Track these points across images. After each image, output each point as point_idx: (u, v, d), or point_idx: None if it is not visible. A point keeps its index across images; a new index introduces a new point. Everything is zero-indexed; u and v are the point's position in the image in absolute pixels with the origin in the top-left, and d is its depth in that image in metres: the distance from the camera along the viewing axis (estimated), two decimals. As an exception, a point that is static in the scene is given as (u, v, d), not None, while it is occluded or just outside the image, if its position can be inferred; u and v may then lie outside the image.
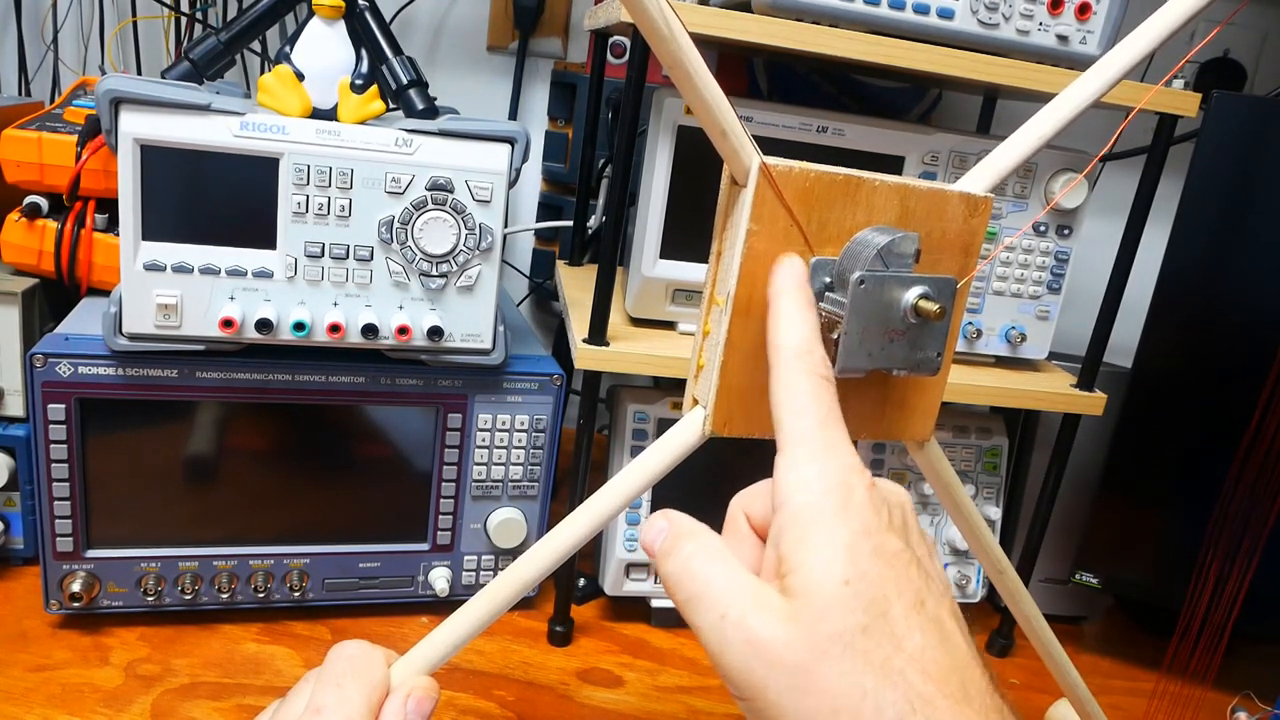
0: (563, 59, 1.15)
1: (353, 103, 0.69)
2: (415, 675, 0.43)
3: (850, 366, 0.42)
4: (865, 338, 0.42)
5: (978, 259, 0.45)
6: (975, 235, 0.45)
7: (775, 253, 0.42)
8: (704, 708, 0.75)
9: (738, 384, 0.43)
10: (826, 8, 0.69)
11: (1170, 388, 0.81)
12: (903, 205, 0.43)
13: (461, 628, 0.45)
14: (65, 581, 0.70)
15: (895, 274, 0.42)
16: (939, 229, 0.44)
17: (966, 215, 0.44)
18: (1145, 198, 0.77)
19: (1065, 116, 0.46)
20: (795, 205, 0.41)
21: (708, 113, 0.40)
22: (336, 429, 0.75)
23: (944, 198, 0.43)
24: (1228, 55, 1.14)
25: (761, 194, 0.41)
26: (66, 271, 0.76)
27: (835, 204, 0.42)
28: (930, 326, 0.43)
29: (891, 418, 0.47)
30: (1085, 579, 0.86)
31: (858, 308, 0.41)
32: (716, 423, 0.44)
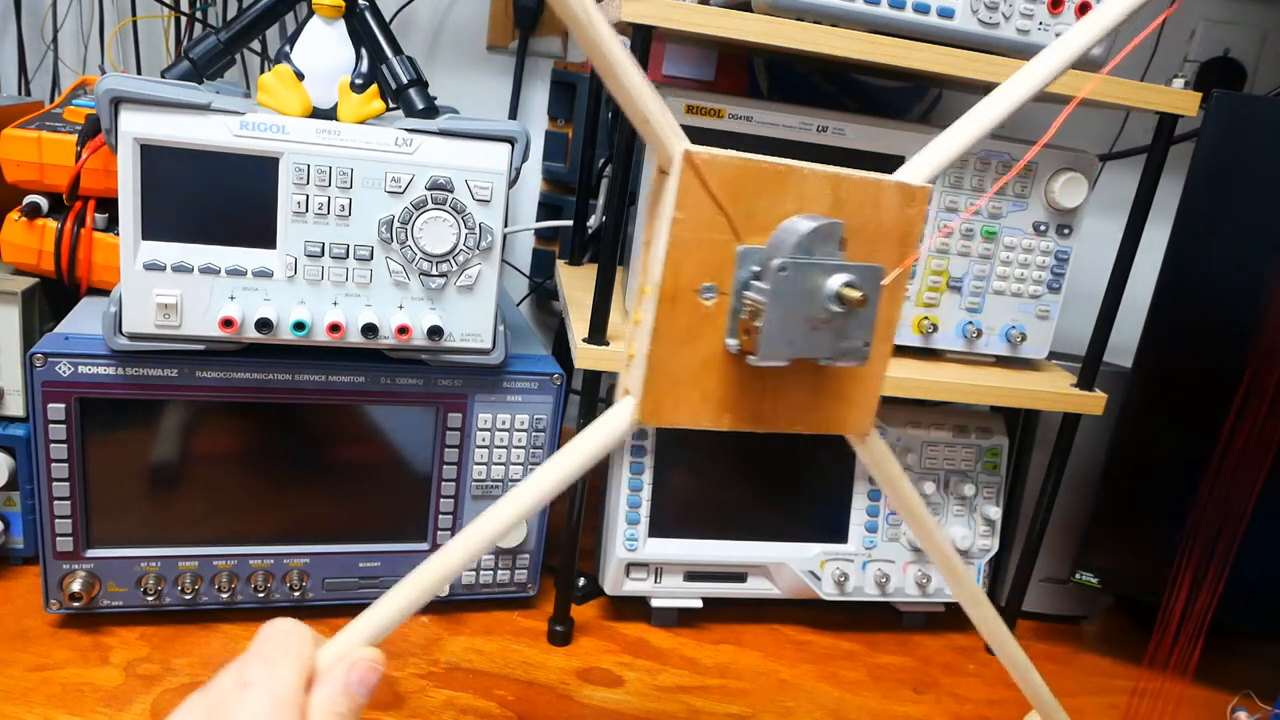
0: (563, 58, 1.15)
1: (353, 102, 0.69)
2: (355, 645, 0.43)
3: (771, 354, 0.42)
4: (787, 326, 0.41)
5: (915, 249, 0.45)
6: (912, 225, 0.44)
7: (702, 240, 0.41)
8: (704, 707, 0.75)
9: (667, 373, 0.43)
10: (826, 7, 0.69)
11: (1170, 388, 0.81)
12: (835, 194, 0.43)
13: (391, 611, 0.46)
14: (65, 581, 0.70)
15: (818, 261, 0.41)
16: (874, 219, 0.43)
17: (902, 205, 0.44)
18: (1145, 198, 0.77)
19: (1007, 108, 0.45)
20: (722, 193, 0.41)
21: (628, 99, 0.40)
22: (336, 429, 0.75)
23: (878, 187, 0.43)
24: (1228, 55, 1.14)
25: (686, 182, 0.40)
26: (66, 271, 0.76)
27: (764, 193, 0.42)
28: (856, 315, 0.43)
29: (827, 410, 0.47)
30: (1085, 579, 0.86)
31: (778, 294, 0.41)
32: (645, 412, 0.44)
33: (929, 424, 0.87)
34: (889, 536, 0.86)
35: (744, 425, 0.45)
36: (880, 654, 0.86)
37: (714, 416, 0.45)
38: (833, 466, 0.85)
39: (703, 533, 0.83)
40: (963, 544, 0.86)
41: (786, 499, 0.84)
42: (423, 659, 0.75)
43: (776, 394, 0.44)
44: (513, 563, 0.81)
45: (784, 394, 0.44)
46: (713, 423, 0.45)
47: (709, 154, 0.40)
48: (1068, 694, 0.85)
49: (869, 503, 0.86)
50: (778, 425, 0.46)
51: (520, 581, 0.82)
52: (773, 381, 0.44)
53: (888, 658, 0.86)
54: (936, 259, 0.80)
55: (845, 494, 0.85)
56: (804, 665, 0.83)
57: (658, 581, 0.83)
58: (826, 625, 0.89)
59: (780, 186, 0.42)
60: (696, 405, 0.43)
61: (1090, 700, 0.84)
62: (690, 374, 0.43)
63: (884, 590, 0.86)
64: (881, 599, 0.87)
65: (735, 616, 0.88)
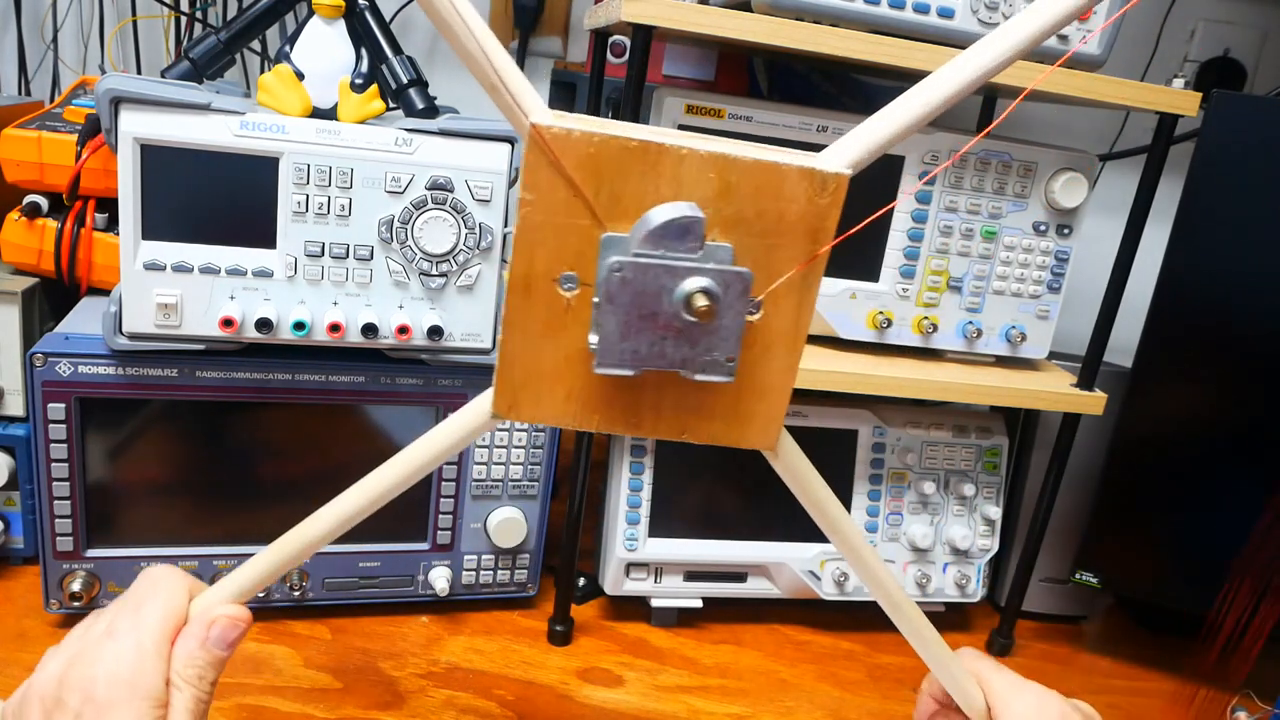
0: (563, 58, 1.15)
1: (353, 102, 0.69)
2: (221, 603, 0.43)
3: (609, 363, 0.37)
4: (627, 333, 0.36)
5: (828, 246, 0.38)
6: (825, 218, 0.37)
7: (557, 225, 0.36)
8: (704, 707, 0.75)
9: (522, 366, 0.39)
10: (826, 7, 0.69)
11: (1170, 388, 0.81)
12: (722, 179, 0.36)
13: (253, 574, 0.44)
14: (65, 581, 0.70)
15: (662, 262, 0.36)
16: (774, 209, 0.37)
17: (811, 194, 0.37)
18: (1145, 198, 0.77)
19: (944, 95, 0.39)
20: (579, 174, 0.36)
21: (475, 64, 0.36)
22: (336, 429, 0.75)
23: (778, 173, 0.37)
24: (1228, 55, 1.14)
25: (534, 159, 0.36)
26: (66, 271, 0.76)
27: (630, 174, 0.36)
28: (715, 325, 0.37)
29: (720, 421, 0.42)
30: (1085, 579, 0.86)
31: (613, 298, 0.36)
32: (499, 405, 0.41)
33: (929, 424, 0.87)
34: (889, 536, 0.86)
35: (617, 429, 0.41)
36: (880, 654, 0.86)
37: (579, 417, 0.40)
38: (833, 466, 0.85)
39: (703, 533, 0.83)
40: (963, 544, 0.86)
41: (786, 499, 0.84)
42: (423, 659, 0.75)
43: (658, 399, 0.39)
44: (513, 562, 0.81)
45: (666, 399, 0.39)
46: (579, 423, 0.41)
47: (563, 128, 0.36)
48: (1067, 694, 0.84)
49: (869, 503, 0.86)
50: (659, 432, 0.41)
51: (520, 581, 0.82)
52: (653, 387, 0.39)
53: (888, 658, 0.86)
54: (936, 259, 0.80)
55: (845, 494, 0.85)
56: (804, 665, 0.83)
57: (658, 581, 0.83)
58: (826, 625, 0.89)
59: (650, 168, 0.36)
60: (560, 403, 0.39)
61: (1090, 700, 0.84)
62: (552, 369, 0.39)
63: (884, 590, 0.86)
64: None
65: (735, 616, 0.88)
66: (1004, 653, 0.89)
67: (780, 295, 0.39)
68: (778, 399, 0.41)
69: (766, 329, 0.39)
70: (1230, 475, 0.81)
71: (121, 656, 0.40)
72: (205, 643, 0.42)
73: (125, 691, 0.39)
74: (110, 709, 0.39)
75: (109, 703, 0.39)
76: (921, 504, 0.87)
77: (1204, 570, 0.83)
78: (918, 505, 0.87)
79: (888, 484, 0.86)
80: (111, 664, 0.40)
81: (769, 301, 0.39)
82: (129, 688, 0.39)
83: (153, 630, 0.41)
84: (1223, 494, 0.81)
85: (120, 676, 0.39)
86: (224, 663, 0.43)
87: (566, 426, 0.41)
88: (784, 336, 0.39)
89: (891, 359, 0.82)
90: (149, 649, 0.40)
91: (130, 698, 0.39)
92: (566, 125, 0.36)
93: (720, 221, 0.37)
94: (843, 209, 0.38)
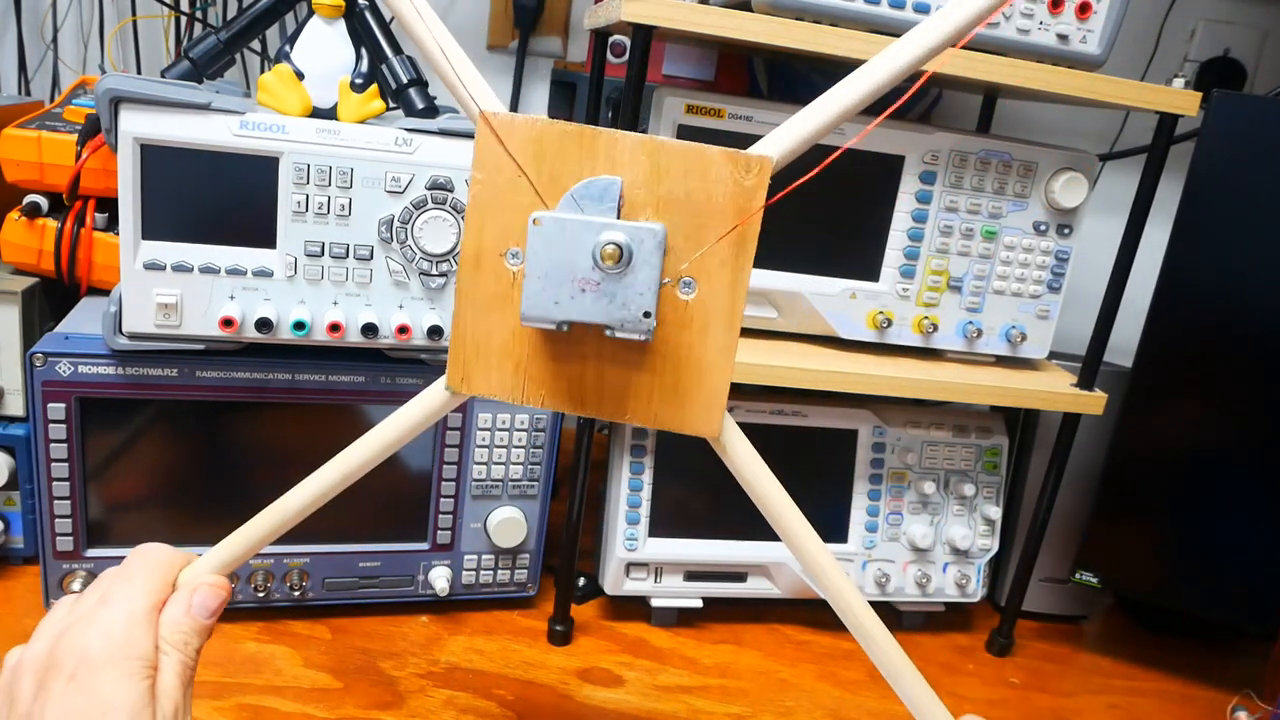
0: (563, 58, 1.15)
1: (353, 102, 0.69)
2: (204, 573, 0.47)
3: (534, 315, 0.40)
4: (549, 284, 0.40)
5: (758, 224, 0.41)
6: (751, 198, 0.41)
7: (504, 203, 0.41)
8: (704, 707, 0.75)
9: (473, 340, 0.43)
10: (826, 7, 0.69)
11: (1170, 388, 0.81)
12: (653, 162, 0.40)
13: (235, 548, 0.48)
14: (65, 581, 0.70)
15: (577, 217, 0.39)
16: (702, 190, 0.41)
17: (737, 176, 0.40)
18: (1145, 198, 0.77)
19: (876, 85, 0.42)
20: (523, 156, 0.40)
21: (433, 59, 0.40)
22: (337, 429, 0.74)
23: (704, 157, 0.40)
24: (1228, 55, 1.14)
25: (484, 143, 0.40)
26: (66, 271, 0.76)
27: (569, 157, 0.40)
28: (629, 279, 0.40)
29: (660, 404, 0.44)
30: (1085, 578, 0.86)
31: (535, 250, 0.39)
32: (452, 378, 0.43)
33: (929, 424, 0.87)
34: (889, 536, 0.86)
35: (562, 405, 0.44)
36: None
37: (528, 391, 0.43)
38: (833, 466, 0.85)
39: (703, 533, 0.83)
40: (963, 544, 0.86)
41: (786, 499, 0.84)
42: (423, 659, 0.75)
43: (600, 377, 0.42)
44: (513, 562, 0.81)
45: (608, 378, 0.42)
46: (526, 398, 0.43)
47: (508, 116, 0.40)
48: (1067, 694, 0.85)
49: (869, 503, 0.86)
50: (601, 411, 0.44)
51: (520, 581, 0.82)
52: (594, 363, 0.42)
53: (888, 658, 0.86)
54: (936, 259, 0.80)
55: (845, 494, 0.85)
56: (804, 665, 0.83)
57: (658, 581, 0.83)
58: (826, 625, 0.89)
59: (587, 151, 0.40)
60: (508, 377, 0.42)
61: (1090, 700, 0.84)
62: (500, 343, 0.42)
63: (884, 590, 0.86)
64: (881, 599, 0.87)
65: (735, 616, 0.88)
66: (1003, 653, 0.89)
67: (713, 272, 0.41)
68: (716, 379, 0.43)
69: (701, 306, 0.42)
70: (1230, 475, 0.81)
71: (114, 621, 0.43)
72: (189, 610, 0.45)
73: (119, 652, 0.42)
74: (103, 668, 0.41)
75: (102, 662, 0.41)
76: (921, 504, 0.87)
77: (1204, 570, 0.83)
78: (918, 505, 0.87)
79: (888, 484, 0.86)
80: (105, 627, 0.42)
81: (702, 280, 0.41)
82: (122, 648, 0.42)
83: (143, 598, 0.44)
84: (1223, 494, 0.81)
85: (114, 638, 0.42)
86: (208, 631, 0.46)
87: (515, 401, 0.43)
88: (720, 314, 0.42)
89: (891, 359, 0.82)
90: (139, 615, 0.43)
91: (123, 658, 0.42)
92: (514, 114, 0.40)
93: (653, 202, 0.41)
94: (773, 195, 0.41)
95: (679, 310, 0.42)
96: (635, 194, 0.41)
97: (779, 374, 0.75)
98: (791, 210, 0.79)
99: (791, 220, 0.79)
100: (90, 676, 0.41)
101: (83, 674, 0.41)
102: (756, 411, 0.83)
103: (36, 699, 0.41)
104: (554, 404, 0.44)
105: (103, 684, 0.41)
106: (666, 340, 0.42)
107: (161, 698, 0.42)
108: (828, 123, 0.41)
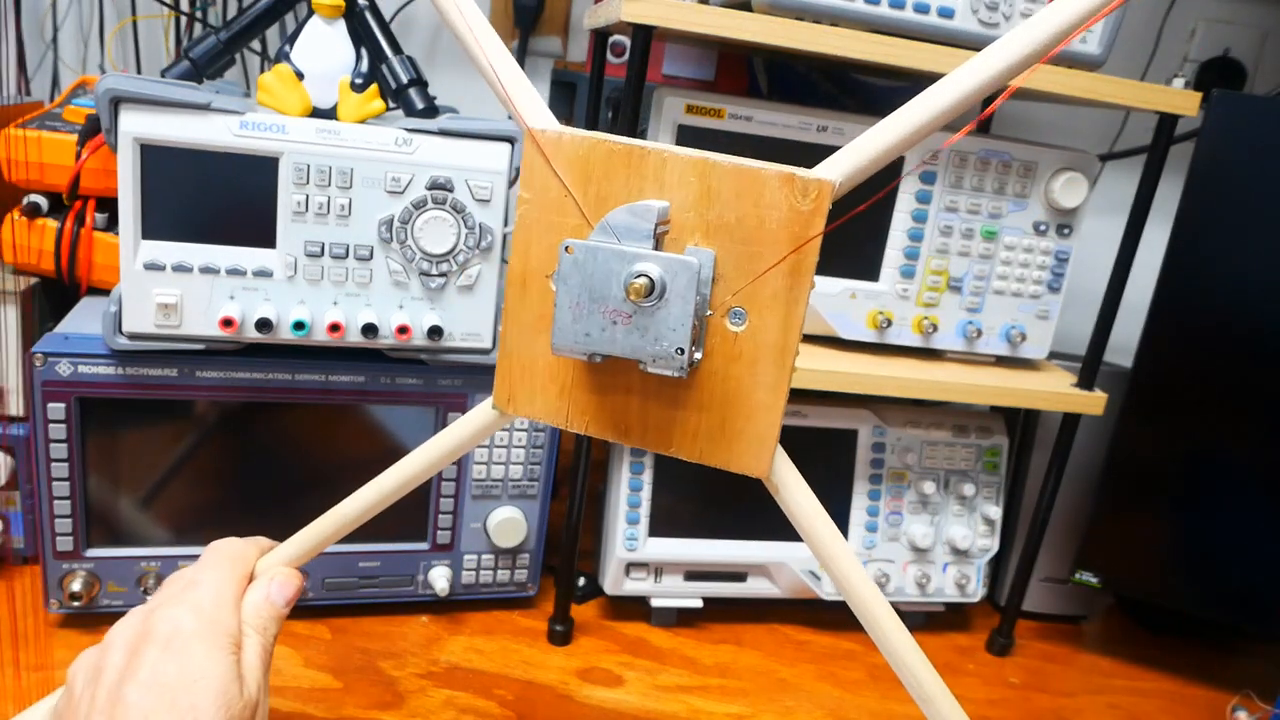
0: (563, 58, 1.15)
1: (353, 102, 0.69)
2: (278, 565, 0.51)
3: (564, 346, 0.38)
4: (579, 314, 0.38)
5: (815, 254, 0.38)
6: (808, 225, 0.37)
7: (551, 223, 0.39)
8: (704, 707, 0.75)
9: (520, 360, 0.41)
10: (826, 7, 0.69)
11: (1170, 388, 0.81)
12: (703, 184, 0.38)
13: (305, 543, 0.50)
14: (65, 581, 0.70)
15: (609, 245, 0.37)
16: (755, 215, 0.37)
17: (792, 201, 0.37)
18: (1145, 198, 0.77)
19: (952, 101, 0.38)
20: (569, 174, 0.38)
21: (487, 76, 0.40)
22: (336, 429, 0.75)
23: (758, 179, 0.37)
24: (1228, 54, 1.14)
25: (531, 161, 0.39)
26: (66, 270, 0.76)
27: (616, 177, 0.38)
28: (662, 313, 0.37)
29: (708, 439, 0.41)
30: (1085, 578, 0.86)
31: (565, 278, 0.37)
32: (499, 398, 0.42)
33: (929, 424, 0.87)
34: (889, 536, 0.86)
35: (606, 434, 0.42)
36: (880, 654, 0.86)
37: (572, 417, 0.42)
38: (833, 466, 0.85)
39: (703, 533, 0.83)
40: (963, 544, 0.86)
41: (786, 499, 0.84)
42: (423, 659, 0.75)
43: (644, 408, 0.40)
44: (513, 562, 0.81)
45: (652, 410, 0.40)
46: (571, 423, 0.42)
47: (556, 132, 0.38)
48: (1067, 694, 0.85)
49: (869, 502, 0.86)
50: (646, 442, 0.41)
51: (520, 581, 0.82)
52: (639, 393, 0.40)
53: (888, 658, 0.86)
54: (936, 259, 0.80)
55: (845, 494, 0.85)
56: (804, 665, 0.83)
57: (658, 581, 0.83)
58: (826, 625, 0.89)
59: (635, 170, 0.38)
60: (553, 400, 0.41)
61: (1090, 700, 0.84)
62: (546, 364, 0.41)
63: (884, 590, 0.86)
64: (881, 599, 0.87)
65: (735, 616, 0.88)
66: (1003, 652, 0.89)
67: (765, 304, 0.38)
68: (766, 419, 0.40)
69: (751, 339, 0.39)
70: (1230, 475, 0.81)
71: (204, 600, 0.46)
72: (269, 597, 0.49)
73: (209, 628, 0.45)
74: (196, 640, 0.44)
75: (194, 635, 0.44)
76: (921, 504, 0.87)
77: (1204, 570, 0.83)
78: (918, 505, 0.87)
79: (888, 484, 0.86)
80: (196, 603, 0.46)
81: (753, 313, 0.39)
82: (211, 625, 0.45)
83: (229, 583, 0.48)
84: (1223, 494, 0.81)
85: (204, 615, 0.46)
86: (283, 619, 0.49)
87: (560, 426, 0.42)
88: (770, 349, 0.39)
89: (891, 359, 0.82)
90: (226, 597, 0.47)
91: (213, 633, 0.45)
92: (564, 130, 0.38)
93: (702, 226, 0.38)
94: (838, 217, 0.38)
95: (728, 342, 0.39)
96: (684, 217, 0.38)
97: (779, 374, 0.75)
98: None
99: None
100: (184, 646, 0.43)
101: (176, 644, 0.44)
102: (756, 411, 0.83)
103: (129, 665, 0.43)
104: (599, 432, 0.42)
105: (195, 654, 0.43)
106: (714, 373, 0.40)
107: (246, 674, 0.45)
108: (898, 142, 0.37)
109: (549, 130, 0.38)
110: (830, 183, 0.37)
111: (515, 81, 0.39)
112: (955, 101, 0.37)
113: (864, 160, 0.37)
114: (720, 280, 0.38)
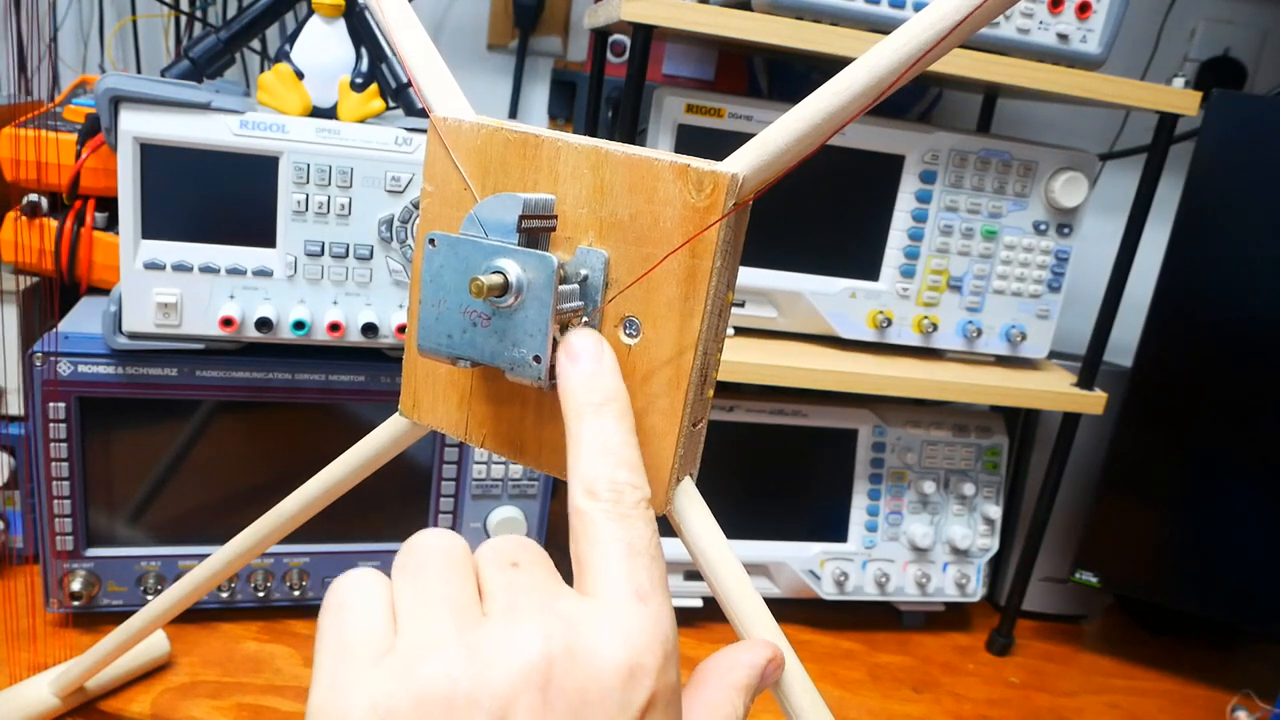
0: (563, 57, 1.15)
1: (353, 101, 0.68)
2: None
3: (428, 348, 0.36)
4: (442, 313, 0.35)
5: (712, 252, 0.33)
6: (703, 224, 0.33)
7: (452, 218, 0.36)
8: (704, 707, 0.75)
9: (423, 363, 0.39)
10: (826, 7, 0.69)
11: (1170, 388, 0.81)
12: (596, 176, 0.34)
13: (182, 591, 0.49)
14: (65, 580, 0.70)
15: (466, 238, 0.34)
16: (648, 212, 0.33)
17: (686, 196, 0.32)
18: (1145, 197, 0.77)
19: (863, 86, 0.31)
20: (470, 165, 0.36)
21: (397, 52, 0.38)
22: (336, 428, 0.74)
23: (651, 170, 0.33)
24: (1228, 54, 1.14)
25: (433, 151, 0.36)
26: (66, 270, 0.76)
27: (512, 168, 0.35)
28: (519, 315, 0.33)
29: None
30: (1085, 578, 0.86)
31: (428, 272, 0.34)
32: (404, 404, 0.40)
33: (929, 423, 0.87)
34: (889, 536, 0.86)
35: (504, 450, 0.38)
36: (880, 653, 0.86)
37: (470, 429, 0.39)
38: (833, 466, 0.85)
39: (703, 532, 0.83)
40: (962, 543, 0.86)
41: (786, 499, 0.84)
42: (422, 658, 0.75)
43: (539, 424, 0.37)
44: (513, 562, 0.81)
45: (547, 428, 0.37)
46: (470, 436, 0.39)
47: (456, 120, 0.35)
48: (1067, 693, 0.85)
49: (869, 502, 0.86)
50: (540, 464, 0.38)
51: (520, 581, 0.82)
52: (534, 407, 0.37)
53: (887, 657, 0.86)
54: (936, 258, 0.80)
55: (845, 494, 0.85)
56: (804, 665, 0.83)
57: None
58: (826, 625, 0.89)
59: (530, 161, 0.35)
60: (453, 410, 0.38)
61: (1090, 700, 0.84)
62: (448, 371, 0.38)
63: (884, 590, 0.86)
64: (881, 598, 0.87)
65: (735, 616, 0.88)
66: (1003, 652, 0.89)
67: (660, 317, 0.34)
68: (659, 446, 0.35)
69: (645, 356, 0.34)
70: (1230, 475, 0.81)
71: (534, 581, 0.31)
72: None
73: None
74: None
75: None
76: (921, 503, 0.87)
77: (1204, 570, 0.83)
78: (918, 505, 0.87)
79: (888, 483, 0.86)
80: (537, 582, 0.31)
81: (647, 324, 0.34)
82: None
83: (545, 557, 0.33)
84: (1222, 494, 0.81)
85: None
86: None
87: (460, 438, 0.39)
88: (665, 368, 0.34)
89: (891, 358, 0.82)
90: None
91: None
92: (464, 118, 0.36)
93: (596, 224, 0.34)
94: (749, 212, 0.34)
95: (620, 356, 0.34)
96: (578, 214, 0.34)
97: (779, 374, 0.75)
98: (792, 210, 0.80)
99: (792, 220, 0.79)
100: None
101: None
102: (756, 411, 0.83)
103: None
104: (495, 448, 0.38)
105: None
106: None
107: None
108: (809, 131, 0.31)
109: (449, 118, 0.36)
110: (727, 175, 0.32)
111: (427, 64, 0.37)
112: (869, 84, 0.31)
113: (771, 152, 0.32)
114: (614, 285, 0.34)
